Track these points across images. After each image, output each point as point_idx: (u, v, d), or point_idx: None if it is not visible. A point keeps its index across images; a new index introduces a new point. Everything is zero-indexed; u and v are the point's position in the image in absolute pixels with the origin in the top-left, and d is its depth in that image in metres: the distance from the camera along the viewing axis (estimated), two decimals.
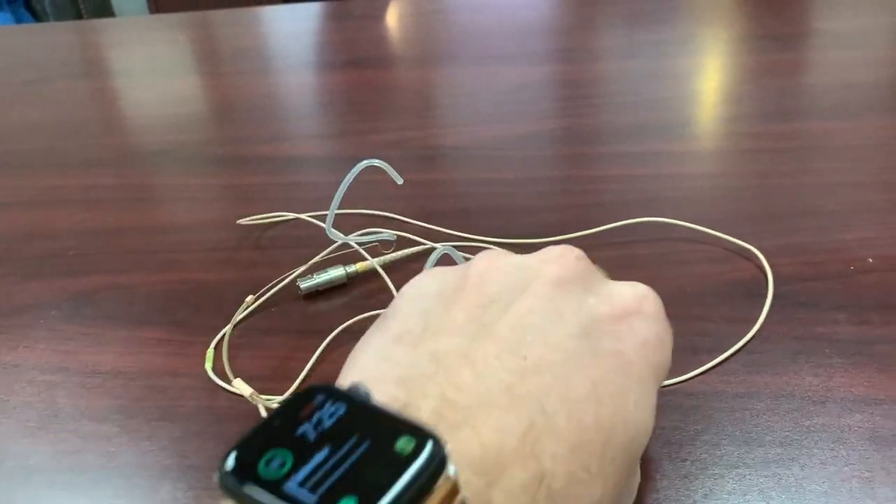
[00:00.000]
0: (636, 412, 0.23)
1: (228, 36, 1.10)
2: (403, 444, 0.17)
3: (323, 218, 0.53)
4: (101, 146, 0.72)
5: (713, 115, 0.71)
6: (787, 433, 0.34)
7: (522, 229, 0.50)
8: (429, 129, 0.71)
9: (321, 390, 0.19)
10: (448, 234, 0.51)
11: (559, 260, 0.27)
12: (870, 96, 0.70)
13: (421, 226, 0.52)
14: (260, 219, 0.53)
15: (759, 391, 0.36)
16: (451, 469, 0.17)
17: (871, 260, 0.45)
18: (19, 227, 0.57)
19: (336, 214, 0.55)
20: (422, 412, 0.20)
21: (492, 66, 0.87)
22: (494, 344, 0.23)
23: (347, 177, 0.40)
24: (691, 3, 1.08)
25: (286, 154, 0.67)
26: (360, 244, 0.46)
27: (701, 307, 0.42)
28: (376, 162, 0.41)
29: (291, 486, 0.17)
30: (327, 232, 0.42)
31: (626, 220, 0.49)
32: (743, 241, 0.47)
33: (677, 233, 0.48)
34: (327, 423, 0.18)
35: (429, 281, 0.27)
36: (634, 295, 0.26)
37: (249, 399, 0.37)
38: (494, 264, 0.27)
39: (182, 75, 0.94)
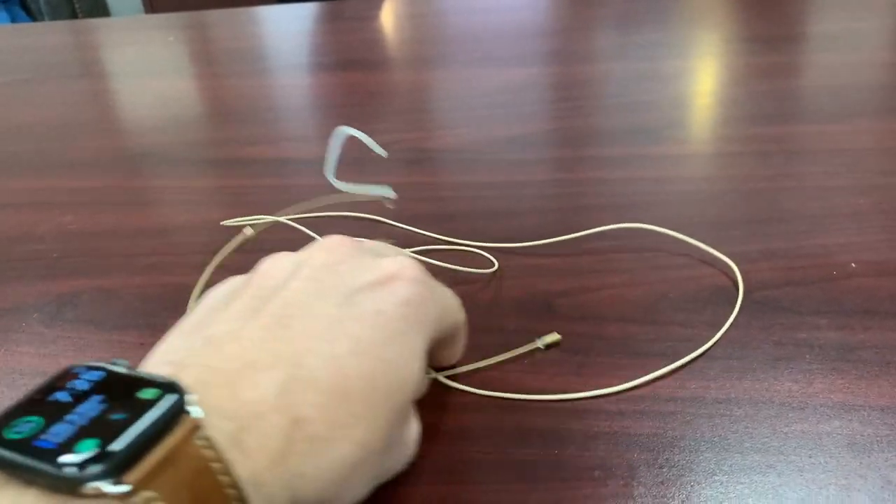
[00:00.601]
0: (399, 361, 0.26)
1: (223, 36, 1.10)
2: (145, 394, 0.20)
3: (303, 220, 0.53)
4: (88, 148, 0.71)
5: (701, 118, 0.71)
6: (766, 440, 0.34)
7: (507, 232, 0.50)
8: (418, 132, 0.71)
9: (80, 366, 0.22)
10: (433, 237, 0.50)
11: (325, 245, 0.30)
12: (859, 99, 0.70)
13: (407, 229, 0.52)
14: (244, 221, 0.53)
15: (739, 397, 0.36)
16: (193, 412, 0.20)
17: (853, 265, 0.45)
18: (2, 230, 0.57)
19: (320, 217, 0.55)
20: (184, 381, 0.22)
21: (482, 69, 0.86)
22: (262, 321, 0.25)
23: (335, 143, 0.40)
24: (682, 5, 1.08)
25: (274, 156, 0.67)
26: (356, 194, 0.44)
27: (682, 312, 0.42)
28: (354, 132, 0.41)
29: (38, 442, 0.19)
30: (329, 179, 0.42)
31: (610, 223, 0.49)
32: (724, 245, 0.47)
33: (659, 238, 0.48)
34: (81, 388, 0.21)
35: (223, 286, 0.31)
36: (395, 263, 0.29)
37: None
38: (275, 263, 0.30)
39: (175, 76, 0.94)
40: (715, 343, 0.40)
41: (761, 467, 0.32)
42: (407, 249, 0.48)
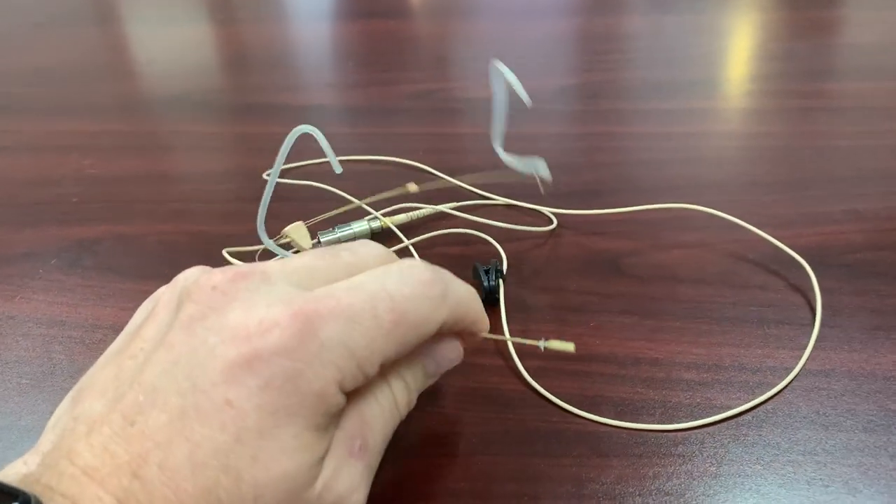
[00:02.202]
0: (255, 466, 0.21)
1: None
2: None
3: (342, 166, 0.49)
4: (109, 93, 0.68)
5: (755, 72, 0.66)
6: (872, 417, 0.30)
7: (563, 188, 0.46)
8: (453, 82, 0.67)
9: None
10: (472, 192, 0.46)
11: (191, 291, 0.24)
12: None
13: (448, 181, 0.48)
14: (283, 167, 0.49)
15: (836, 369, 0.32)
16: None
17: None
18: (21, 172, 0.53)
19: (361, 160, 0.51)
20: (41, 481, 0.21)
21: (520, 19, 0.82)
22: (119, 407, 0.22)
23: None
24: None
25: (303, 103, 0.63)
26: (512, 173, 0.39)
27: (762, 276, 0.38)
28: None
29: None
30: (497, 149, 0.36)
31: (666, 181, 0.45)
32: (802, 205, 0.42)
33: (728, 201, 0.44)
34: None
35: (144, 307, 0.27)
36: (256, 325, 0.22)
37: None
38: (160, 304, 0.25)
39: (196, 22, 0.90)
40: (803, 309, 0.36)
41: (870, 448, 0.29)
42: (451, 204, 0.44)
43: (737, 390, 0.32)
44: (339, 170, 0.31)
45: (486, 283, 0.36)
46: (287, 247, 0.35)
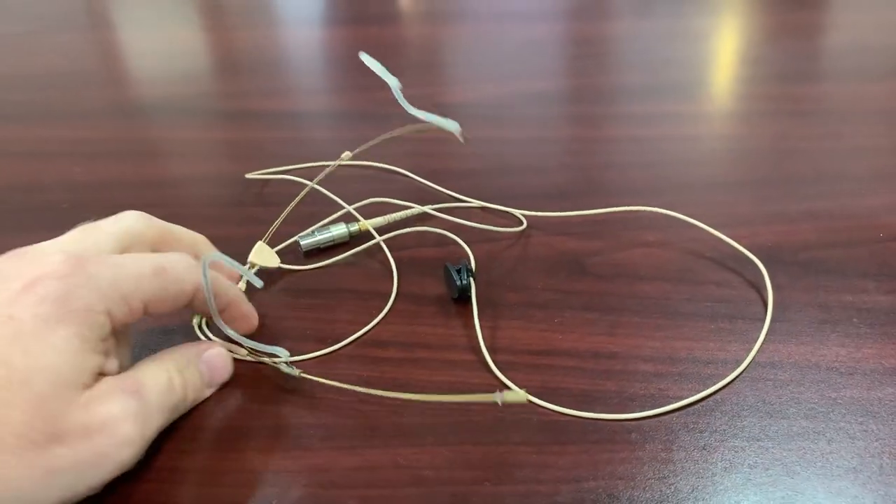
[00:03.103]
0: (26, 357, 0.26)
1: None
2: None
3: (318, 171, 0.51)
4: (97, 98, 0.69)
5: (728, 76, 0.68)
6: (813, 405, 0.32)
7: (532, 189, 0.48)
8: (436, 87, 0.69)
9: None
10: (448, 195, 0.48)
11: (7, 255, 0.30)
12: (891, 59, 0.67)
13: (425, 184, 0.50)
14: (268, 173, 0.51)
15: (783, 361, 0.34)
16: None
17: None
18: (11, 179, 0.55)
19: (345, 165, 0.53)
20: None
21: (501, 23, 0.84)
22: None
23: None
24: None
25: (289, 109, 0.65)
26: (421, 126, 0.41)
27: (718, 273, 0.40)
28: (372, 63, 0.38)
29: None
30: (402, 103, 0.39)
31: (639, 182, 0.47)
32: (762, 205, 0.44)
33: (693, 199, 0.46)
34: None
35: None
36: (42, 265, 0.28)
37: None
38: None
39: (184, 28, 0.91)
40: (755, 304, 0.38)
41: (810, 434, 0.31)
42: (428, 207, 0.46)
43: (689, 381, 0.34)
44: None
45: (458, 282, 0.38)
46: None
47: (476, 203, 0.47)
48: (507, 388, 0.34)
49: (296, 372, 0.34)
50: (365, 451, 0.31)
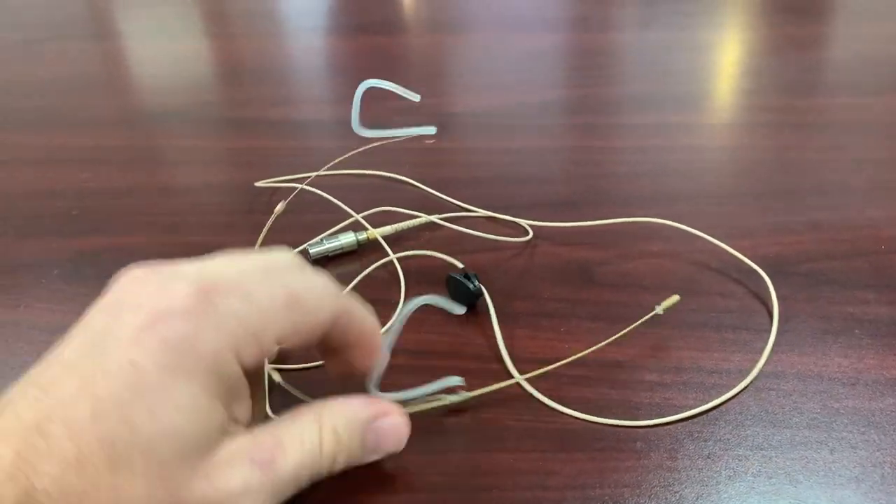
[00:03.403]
0: (153, 420, 0.23)
1: None
2: None
3: (325, 179, 0.52)
4: (106, 107, 0.70)
5: (731, 87, 0.69)
6: (816, 415, 0.32)
7: (539, 199, 0.49)
8: (441, 97, 0.69)
9: None
10: (454, 204, 0.49)
11: (120, 283, 0.27)
12: (893, 73, 0.68)
13: (432, 193, 0.50)
14: (277, 181, 0.52)
15: (786, 371, 0.35)
16: None
17: None
18: (22, 185, 0.55)
19: (346, 174, 0.53)
20: None
21: (506, 33, 0.84)
22: (36, 381, 0.24)
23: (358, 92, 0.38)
24: None
25: (297, 118, 0.66)
26: (395, 137, 0.43)
27: (723, 284, 0.41)
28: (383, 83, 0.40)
29: None
30: (354, 128, 0.40)
31: (644, 192, 0.48)
32: (764, 216, 0.45)
33: (696, 210, 0.47)
34: None
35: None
36: (163, 298, 0.25)
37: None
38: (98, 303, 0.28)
39: (192, 37, 0.92)
40: (759, 315, 0.38)
41: (812, 443, 0.31)
42: (435, 216, 0.47)
43: (694, 391, 0.34)
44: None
45: (471, 287, 0.39)
46: None
47: (482, 213, 0.48)
48: (533, 396, 0.34)
49: (466, 396, 0.33)
50: None
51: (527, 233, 0.46)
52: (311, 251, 0.43)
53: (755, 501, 0.29)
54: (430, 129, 0.39)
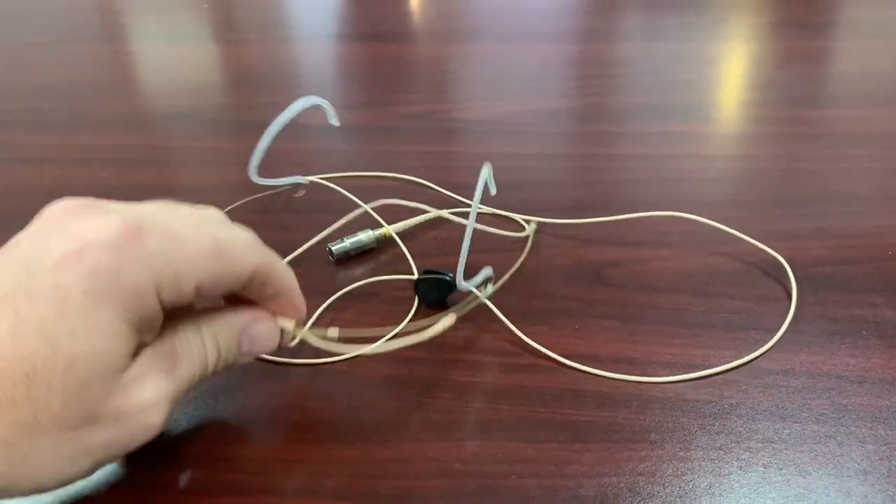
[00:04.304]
0: (73, 341, 0.24)
1: (251, 5, 1.09)
2: None
3: (338, 181, 0.53)
4: (120, 108, 0.71)
5: (739, 98, 0.70)
6: (824, 411, 0.33)
7: (549, 204, 0.50)
8: (451, 103, 0.71)
9: None
10: (467, 203, 0.50)
11: (45, 212, 0.28)
12: None
13: (444, 193, 0.51)
14: (277, 183, 0.53)
15: (795, 369, 0.36)
16: None
17: None
18: (37, 184, 0.56)
19: (363, 176, 0.55)
20: None
21: (515, 44, 0.86)
22: None
23: (285, 112, 0.40)
24: None
25: (306, 122, 0.67)
26: (274, 187, 0.44)
27: (732, 286, 0.42)
28: (316, 99, 0.41)
29: None
30: (250, 174, 0.42)
31: (654, 198, 0.49)
32: (774, 223, 0.46)
33: (707, 215, 0.48)
34: None
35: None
36: (94, 229, 0.26)
37: (293, 333, 0.33)
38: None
39: (202, 41, 0.93)
40: (768, 316, 0.39)
41: (821, 437, 0.32)
42: (445, 211, 0.48)
43: (706, 386, 0.35)
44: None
45: (447, 277, 0.40)
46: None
47: (497, 211, 0.49)
48: (548, 387, 0.35)
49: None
50: (395, 444, 0.32)
51: (536, 230, 0.47)
52: (333, 249, 0.44)
53: (766, 491, 0.30)
54: (303, 181, 0.41)
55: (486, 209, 0.49)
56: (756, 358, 0.37)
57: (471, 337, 0.39)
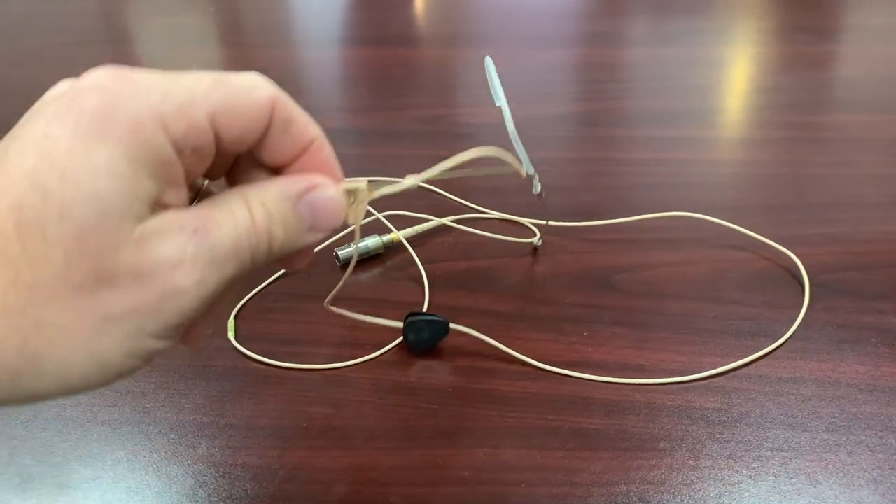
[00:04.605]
0: (63, 183, 0.22)
1: (257, 8, 1.10)
2: None
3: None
4: None
5: (748, 103, 0.70)
6: (834, 419, 0.33)
7: (559, 209, 0.50)
8: (460, 108, 0.71)
9: None
10: (478, 209, 0.50)
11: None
12: None
13: (452, 199, 0.51)
14: None
15: (805, 377, 0.36)
16: None
17: None
18: None
19: (372, 180, 0.55)
20: None
21: (525, 48, 0.86)
22: None
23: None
24: None
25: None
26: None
27: (741, 292, 0.42)
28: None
29: None
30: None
31: (664, 203, 0.49)
32: (782, 229, 0.46)
33: (713, 223, 0.48)
34: None
35: None
36: (88, 77, 0.24)
37: (367, 190, 0.27)
38: None
39: (209, 45, 0.94)
40: (777, 323, 0.39)
41: (831, 446, 0.32)
42: (451, 218, 0.48)
43: (715, 394, 0.35)
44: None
45: (439, 318, 0.37)
46: None
47: (506, 216, 0.49)
48: (557, 396, 0.35)
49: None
50: (405, 451, 0.32)
51: (546, 234, 0.47)
52: (339, 254, 0.44)
53: (776, 501, 0.30)
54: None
55: (494, 214, 0.49)
56: (765, 365, 0.36)
57: (480, 345, 0.39)
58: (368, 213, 0.48)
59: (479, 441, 0.33)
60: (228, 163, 0.26)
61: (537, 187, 0.41)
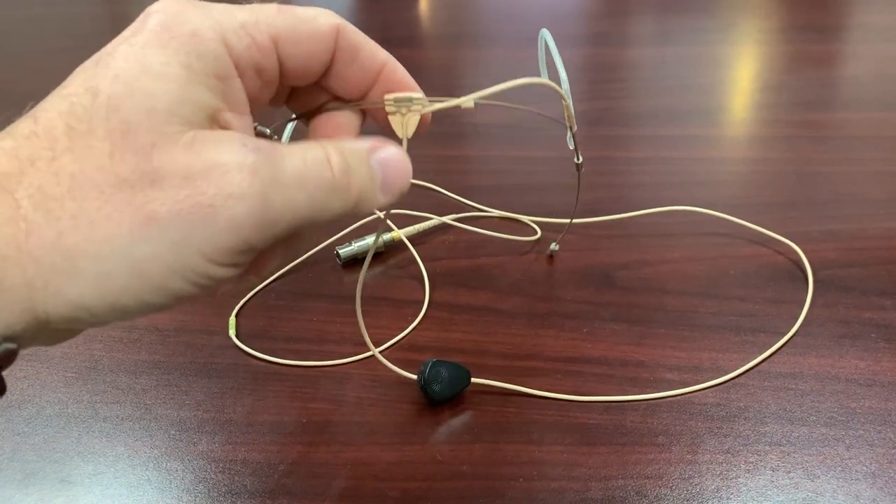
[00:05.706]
0: (115, 83, 0.22)
1: None
2: None
3: None
4: None
5: (751, 102, 0.70)
6: (833, 414, 0.33)
7: (561, 207, 0.50)
8: (464, 108, 0.71)
9: None
10: (479, 208, 0.50)
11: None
12: None
13: (454, 198, 0.52)
14: None
15: (804, 372, 0.36)
16: None
17: None
18: None
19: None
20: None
21: (525, 48, 0.86)
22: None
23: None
24: None
25: None
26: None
27: (742, 289, 0.42)
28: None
29: None
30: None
31: (666, 202, 0.49)
32: (784, 225, 0.46)
33: (717, 217, 0.48)
34: None
35: None
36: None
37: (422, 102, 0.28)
38: None
39: None
40: (777, 318, 0.39)
41: (829, 440, 0.32)
42: (452, 216, 0.48)
43: (713, 389, 0.35)
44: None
45: (463, 370, 0.35)
46: None
47: (506, 214, 0.49)
48: (554, 393, 0.35)
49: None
50: (405, 447, 0.33)
51: (536, 232, 0.47)
52: (340, 252, 0.45)
53: (774, 495, 0.30)
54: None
55: (495, 212, 0.49)
56: (764, 360, 0.36)
57: (479, 340, 0.39)
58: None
59: (478, 436, 0.33)
60: (298, 98, 0.26)
61: (579, 157, 0.41)
